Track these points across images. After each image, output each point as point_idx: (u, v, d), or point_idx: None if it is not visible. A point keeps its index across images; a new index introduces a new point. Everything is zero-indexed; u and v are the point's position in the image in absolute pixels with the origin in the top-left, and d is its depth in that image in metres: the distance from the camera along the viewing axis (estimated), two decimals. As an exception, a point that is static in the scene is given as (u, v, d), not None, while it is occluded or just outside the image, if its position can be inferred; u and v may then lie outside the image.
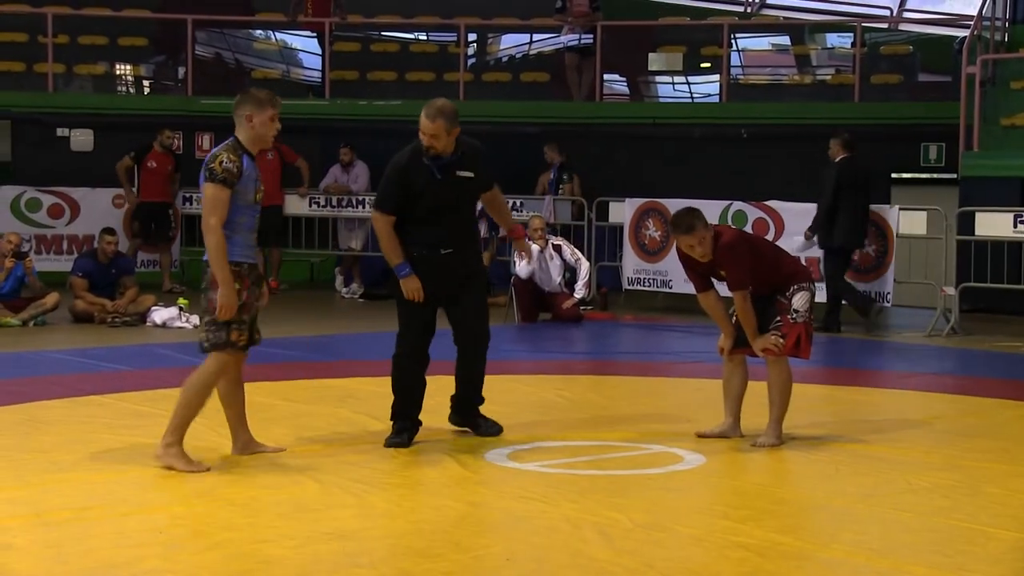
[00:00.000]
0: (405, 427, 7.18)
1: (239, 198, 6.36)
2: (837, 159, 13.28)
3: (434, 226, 7.11)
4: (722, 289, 7.34)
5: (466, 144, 7.22)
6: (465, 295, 7.24)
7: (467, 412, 7.43)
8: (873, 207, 13.59)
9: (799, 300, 7.19)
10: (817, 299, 14.50)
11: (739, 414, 7.38)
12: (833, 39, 19.59)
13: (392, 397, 7.26)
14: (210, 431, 7.40)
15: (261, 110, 6.48)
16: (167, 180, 16.19)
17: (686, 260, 7.31)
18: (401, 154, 7.20)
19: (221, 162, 6.31)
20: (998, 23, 16.66)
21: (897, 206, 13.57)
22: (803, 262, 11.05)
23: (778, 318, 7.16)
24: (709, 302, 7.36)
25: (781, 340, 7.11)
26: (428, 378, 7.26)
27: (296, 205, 16.56)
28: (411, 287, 7.05)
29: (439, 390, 7.42)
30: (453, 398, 7.50)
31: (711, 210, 13.98)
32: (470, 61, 18.90)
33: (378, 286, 16.25)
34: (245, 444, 6.76)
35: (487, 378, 7.43)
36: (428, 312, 7.18)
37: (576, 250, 14.11)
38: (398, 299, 7.23)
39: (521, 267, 13.35)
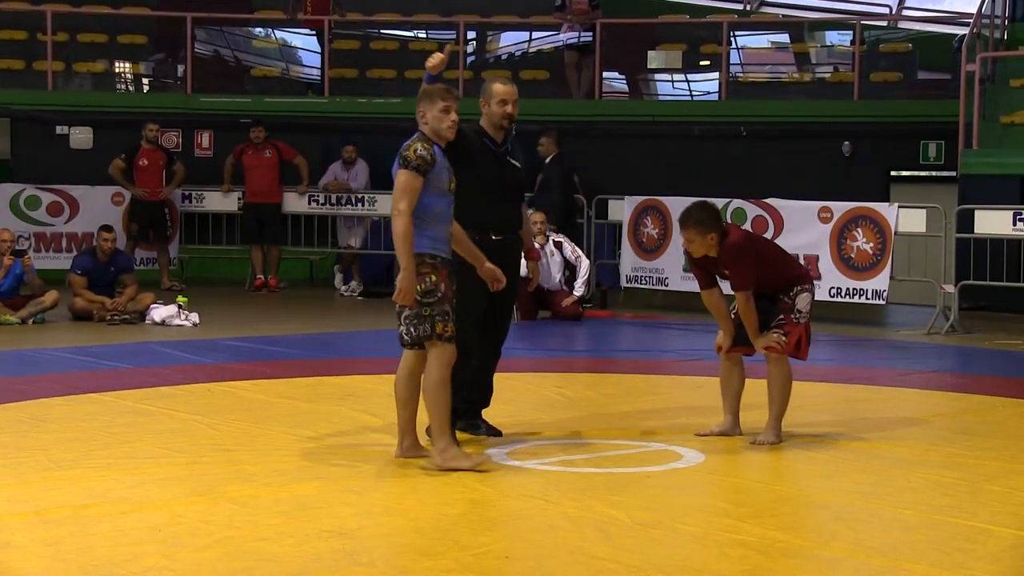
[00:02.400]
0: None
1: (433, 186, 6.33)
2: (551, 156, 13.90)
3: (485, 208, 7.01)
4: (726, 287, 7.33)
5: (513, 137, 7.27)
6: (503, 293, 7.03)
7: (469, 412, 7.30)
8: (872, 204, 13.61)
9: (802, 301, 7.19)
10: None
11: (738, 412, 7.38)
12: (832, 37, 19.59)
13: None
14: (210, 428, 7.41)
15: (431, 104, 6.46)
16: (160, 177, 16.17)
17: (694, 259, 7.31)
18: (462, 127, 7.15)
19: (415, 150, 6.30)
20: (997, 21, 16.66)
21: (896, 204, 13.57)
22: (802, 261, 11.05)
23: (781, 317, 7.16)
24: (712, 299, 7.35)
25: (784, 338, 7.10)
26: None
27: (295, 203, 16.55)
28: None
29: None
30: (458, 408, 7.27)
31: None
32: (469, 59, 18.90)
33: (378, 284, 16.26)
34: (410, 446, 6.59)
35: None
36: (482, 306, 7.03)
37: (576, 247, 14.11)
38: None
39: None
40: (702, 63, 18.77)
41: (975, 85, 14.78)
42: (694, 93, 19.24)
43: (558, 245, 13.85)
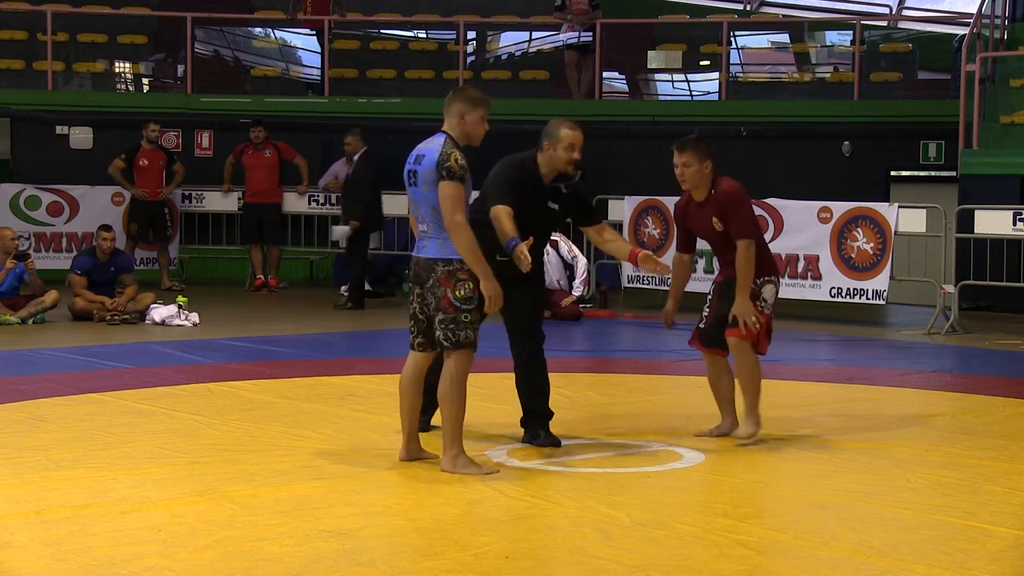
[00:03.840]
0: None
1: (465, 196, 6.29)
2: (360, 152, 14.29)
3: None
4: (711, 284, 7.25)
5: (575, 182, 7.17)
6: (514, 293, 6.78)
7: (523, 420, 7.22)
8: (872, 204, 13.62)
9: (768, 291, 7.09)
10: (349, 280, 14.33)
11: (735, 412, 7.36)
12: (833, 37, 19.61)
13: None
14: (210, 428, 7.42)
15: (474, 108, 6.39)
16: (161, 177, 16.18)
17: (681, 215, 7.21)
18: (514, 158, 7.10)
19: (456, 159, 6.20)
20: (997, 21, 16.66)
21: (896, 204, 13.57)
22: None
23: None
24: (681, 264, 7.26)
25: (757, 324, 7.00)
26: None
27: (295, 203, 16.54)
28: (517, 251, 6.55)
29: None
30: (521, 420, 7.28)
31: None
32: (469, 59, 18.90)
33: (377, 284, 16.25)
34: (414, 450, 6.58)
35: (492, 376, 7.38)
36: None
37: (573, 246, 14.09)
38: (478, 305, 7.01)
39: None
40: (702, 63, 18.78)
41: (975, 85, 14.78)
42: (694, 93, 19.25)
43: (554, 244, 13.82)
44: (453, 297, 6.26)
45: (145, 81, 19.79)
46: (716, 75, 18.12)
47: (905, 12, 20.28)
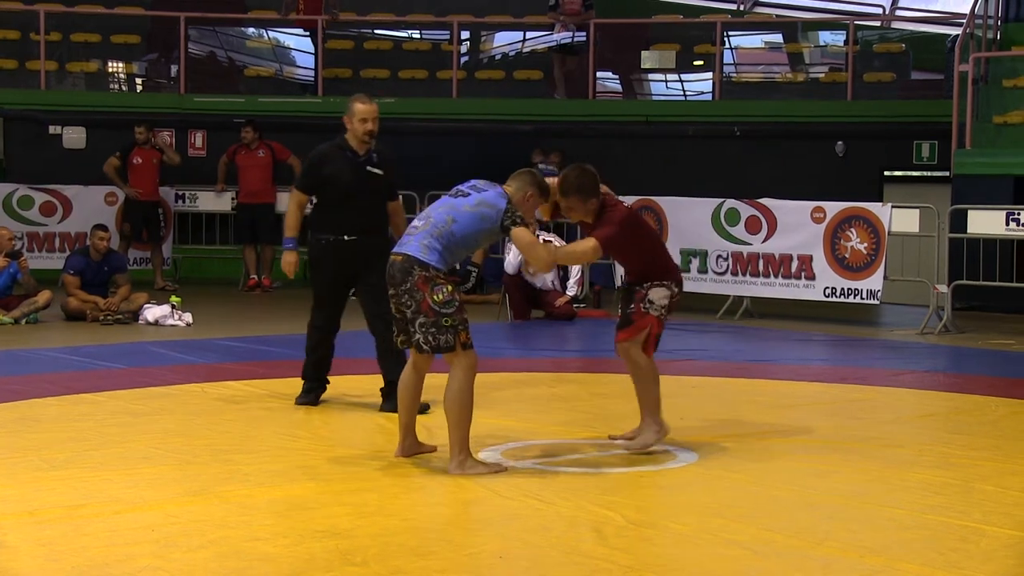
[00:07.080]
0: (313, 387, 8.17)
1: (492, 234, 6.59)
2: None
3: (342, 213, 7.78)
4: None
5: (382, 147, 7.95)
6: (368, 276, 7.75)
7: (386, 390, 7.86)
8: (865, 204, 13.63)
9: (655, 293, 6.99)
10: None
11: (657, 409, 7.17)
12: (826, 37, 19.64)
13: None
14: (204, 429, 7.41)
15: (540, 196, 6.75)
16: (155, 175, 16.18)
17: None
18: (323, 144, 8.00)
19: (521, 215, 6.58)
20: (990, 21, 16.68)
21: (890, 204, 13.58)
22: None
23: (632, 306, 7.02)
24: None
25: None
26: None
27: (288, 203, 16.50)
28: (287, 260, 8.13)
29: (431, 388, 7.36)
30: (382, 389, 7.95)
31: (704, 208, 14.03)
32: (463, 59, 18.89)
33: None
34: (410, 446, 6.65)
35: (479, 376, 7.39)
36: (333, 289, 8.13)
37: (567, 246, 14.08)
38: (312, 278, 8.18)
39: (508, 261, 13.40)
40: (696, 63, 18.80)
41: (968, 85, 14.80)
42: (688, 93, 19.26)
43: (547, 243, 13.80)
44: (432, 301, 6.32)
45: (138, 81, 19.77)
46: (710, 75, 18.15)
47: (898, 12, 20.30)
